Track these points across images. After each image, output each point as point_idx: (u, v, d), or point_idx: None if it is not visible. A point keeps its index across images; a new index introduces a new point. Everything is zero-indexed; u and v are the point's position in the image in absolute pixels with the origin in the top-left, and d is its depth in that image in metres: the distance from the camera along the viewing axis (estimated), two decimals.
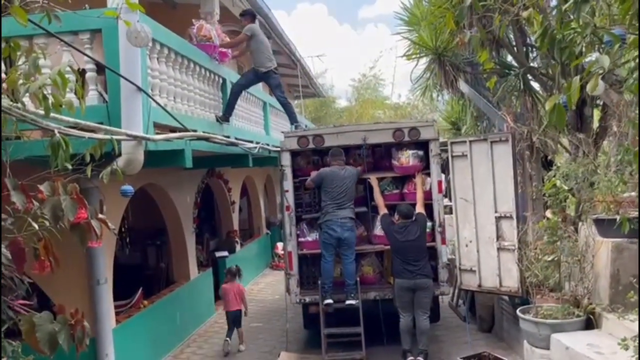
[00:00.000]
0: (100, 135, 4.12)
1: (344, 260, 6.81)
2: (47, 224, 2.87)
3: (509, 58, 8.05)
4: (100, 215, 3.35)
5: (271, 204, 16.23)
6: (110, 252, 6.46)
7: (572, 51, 3.59)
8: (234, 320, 7.89)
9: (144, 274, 9.71)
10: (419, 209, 6.84)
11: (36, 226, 2.85)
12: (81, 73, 5.37)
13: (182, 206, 8.90)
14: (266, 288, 12.08)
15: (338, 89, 55.34)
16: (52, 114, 3.55)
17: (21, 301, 3.49)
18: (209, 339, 8.56)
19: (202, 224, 11.48)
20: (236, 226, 12.02)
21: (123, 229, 10.75)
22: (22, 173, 2.92)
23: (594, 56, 3.05)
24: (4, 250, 2.80)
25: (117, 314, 6.93)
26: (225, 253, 11.06)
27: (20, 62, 3.20)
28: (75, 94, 4.56)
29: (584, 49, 3.53)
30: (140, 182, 7.28)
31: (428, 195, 7.10)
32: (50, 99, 3.16)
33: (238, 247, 11.81)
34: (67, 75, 3.10)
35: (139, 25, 4.27)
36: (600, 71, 2.99)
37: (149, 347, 7.21)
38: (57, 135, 3.33)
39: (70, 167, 3.38)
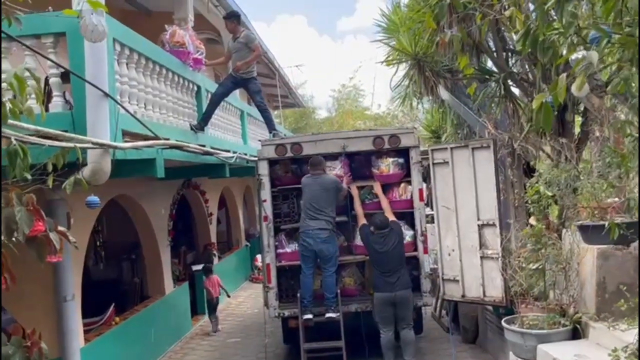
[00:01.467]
0: (61, 143, 3.87)
1: (324, 273, 6.59)
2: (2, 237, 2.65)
3: (490, 64, 7.97)
4: (60, 228, 3.10)
5: (250, 216, 15.96)
6: (78, 267, 6.17)
7: (556, 51, 3.45)
8: (215, 306, 9.52)
9: (118, 289, 9.40)
10: (390, 217, 6.69)
11: None
12: (46, 80, 5.15)
13: (156, 218, 8.63)
14: (245, 302, 11.81)
15: (318, 100, 55.48)
16: (10, 121, 3.30)
17: None
18: (185, 356, 8.27)
19: (179, 237, 11.17)
20: (214, 238, 11.74)
21: (98, 243, 10.42)
22: None
23: (580, 54, 2.91)
24: None
25: (87, 332, 6.64)
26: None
27: None
28: (36, 100, 4.34)
29: (565, 51, 3.40)
30: (111, 193, 7.02)
31: (409, 204, 6.94)
32: (8, 105, 2.94)
33: (216, 260, 11.52)
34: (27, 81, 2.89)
35: (95, 18, 4.02)
36: (589, 70, 2.86)
37: None
38: (14, 143, 3.08)
39: (29, 177, 3.12)
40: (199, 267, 10.72)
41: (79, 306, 6.09)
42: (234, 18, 7.76)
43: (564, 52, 3.39)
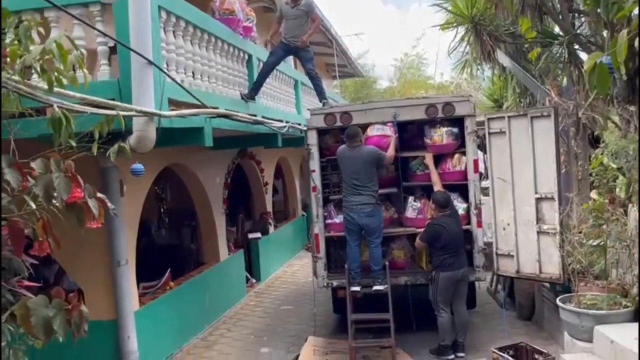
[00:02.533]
0: (104, 111, 3.92)
1: (369, 245, 6.47)
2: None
3: (555, 29, 7.47)
4: (99, 195, 3.13)
5: (307, 186, 15.98)
6: (132, 233, 6.35)
7: (622, 7, 3.13)
8: None
9: (178, 254, 9.67)
10: (440, 189, 6.53)
11: (33, 205, 2.67)
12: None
13: (211, 187, 8.76)
14: (300, 270, 11.91)
15: (380, 70, 54.18)
16: (56, 89, 3.35)
17: (26, 283, 3.34)
18: (239, 322, 8.44)
19: (237, 205, 11.38)
20: (269, 208, 11.85)
21: (162, 210, 10.79)
22: (33, 153, 2.73)
23: None
24: None
25: (144, 295, 6.87)
26: (258, 234, 10.93)
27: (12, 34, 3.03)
28: (77, 68, 4.41)
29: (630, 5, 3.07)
30: (165, 161, 7.15)
31: (463, 176, 6.68)
32: (54, 73, 2.98)
33: (271, 229, 11.66)
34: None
35: None
36: None
37: (175, 330, 7.12)
38: (57, 110, 3.12)
39: (74, 144, 3.16)
40: (256, 235, 10.91)
41: (133, 271, 6.29)
42: None
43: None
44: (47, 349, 2.87)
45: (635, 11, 2.88)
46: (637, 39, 2.56)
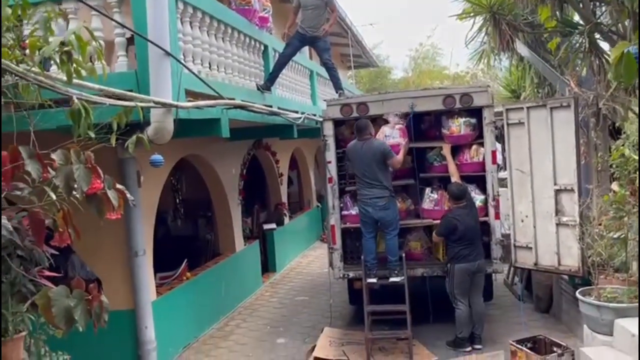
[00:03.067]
0: (123, 102, 3.93)
1: (385, 237, 6.45)
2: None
3: (575, 18, 7.34)
4: (118, 186, 3.14)
5: (322, 177, 15.97)
6: (149, 223, 6.39)
7: None
8: None
9: (194, 245, 9.74)
10: (458, 181, 6.48)
11: (54, 196, 2.69)
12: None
13: (227, 178, 8.78)
14: (315, 261, 11.93)
15: (395, 60, 53.93)
16: (75, 80, 3.36)
17: (47, 273, 3.37)
18: (254, 312, 8.48)
19: (252, 196, 11.42)
20: (284, 198, 11.87)
21: (177, 200, 10.86)
22: (53, 144, 2.75)
23: None
24: (4, 222, 2.65)
25: (161, 285, 6.92)
26: (273, 225, 10.96)
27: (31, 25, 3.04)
28: (95, 59, 4.42)
29: None
30: (181, 153, 7.18)
31: (481, 167, 6.62)
32: (73, 65, 2.99)
33: (286, 220, 11.68)
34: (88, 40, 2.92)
35: None
36: None
37: (191, 320, 7.18)
38: (76, 102, 3.13)
39: (93, 135, 3.17)
40: (271, 225, 10.94)
41: (151, 261, 6.33)
42: None
43: None
44: (66, 338, 2.90)
45: None
46: None
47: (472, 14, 7.59)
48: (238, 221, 9.19)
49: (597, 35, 6.43)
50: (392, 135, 6.57)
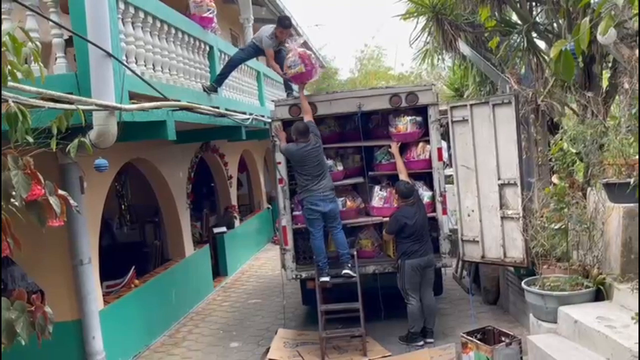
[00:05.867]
0: (63, 105, 3.78)
1: (332, 232, 6.52)
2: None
3: (514, 17, 7.59)
4: (60, 192, 3.01)
5: (272, 178, 15.90)
6: (94, 231, 6.18)
7: None
8: None
9: (142, 251, 9.50)
10: (404, 178, 6.59)
11: None
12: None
13: (174, 181, 8.61)
14: (267, 263, 11.87)
15: (341, 61, 54.26)
16: (10, 83, 3.21)
17: None
18: (206, 317, 8.35)
19: (202, 200, 11.24)
20: (234, 201, 11.74)
21: (123, 206, 10.54)
22: None
23: None
24: None
25: (108, 294, 6.71)
26: (224, 229, 10.82)
27: None
28: (31, 61, 4.23)
29: None
30: (126, 157, 6.99)
31: (427, 164, 6.75)
32: (7, 67, 2.85)
33: (237, 223, 11.55)
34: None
35: None
36: (616, 14, 2.61)
37: (141, 328, 6.99)
38: (12, 105, 2.99)
39: (31, 140, 3.03)
40: (221, 229, 10.79)
41: (96, 269, 6.13)
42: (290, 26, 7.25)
43: None
44: (9, 353, 2.77)
45: None
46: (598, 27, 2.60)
47: (415, 14, 7.73)
48: (187, 225, 9.02)
49: (534, 34, 6.68)
50: (294, 64, 6.55)
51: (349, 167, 7.21)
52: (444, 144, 7.06)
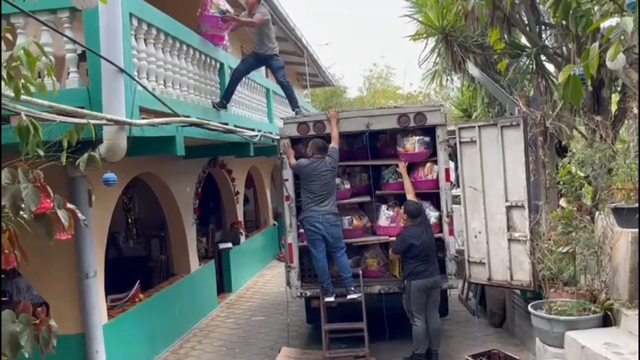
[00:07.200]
0: (74, 119, 3.82)
1: (335, 255, 6.47)
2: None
3: (523, 40, 7.63)
4: (69, 205, 3.03)
5: (278, 195, 15.90)
6: (100, 244, 6.20)
7: (590, 20, 3.21)
8: None
9: (147, 265, 9.50)
10: (413, 198, 6.59)
11: None
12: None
13: (182, 197, 8.63)
14: (272, 280, 11.82)
15: (349, 79, 54.72)
16: (23, 97, 3.25)
17: None
18: (210, 333, 8.31)
19: (208, 215, 11.24)
20: (241, 217, 11.74)
21: (129, 220, 10.57)
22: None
23: (613, 21, 2.66)
24: None
25: (112, 308, 6.70)
26: (229, 244, 10.81)
27: None
28: (45, 75, 4.29)
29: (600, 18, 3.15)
30: (133, 171, 7.02)
31: (434, 184, 6.74)
32: (21, 80, 2.89)
33: (243, 239, 11.55)
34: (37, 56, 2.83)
35: None
36: (625, 39, 2.62)
37: (145, 343, 6.96)
38: (24, 118, 3.03)
39: (42, 153, 3.06)
40: (227, 245, 10.79)
41: (102, 283, 6.13)
42: None
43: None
44: None
45: (604, 24, 2.95)
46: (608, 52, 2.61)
47: (425, 35, 7.80)
48: (193, 241, 9.03)
49: (543, 58, 6.71)
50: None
51: (356, 186, 7.21)
52: (451, 165, 7.06)
